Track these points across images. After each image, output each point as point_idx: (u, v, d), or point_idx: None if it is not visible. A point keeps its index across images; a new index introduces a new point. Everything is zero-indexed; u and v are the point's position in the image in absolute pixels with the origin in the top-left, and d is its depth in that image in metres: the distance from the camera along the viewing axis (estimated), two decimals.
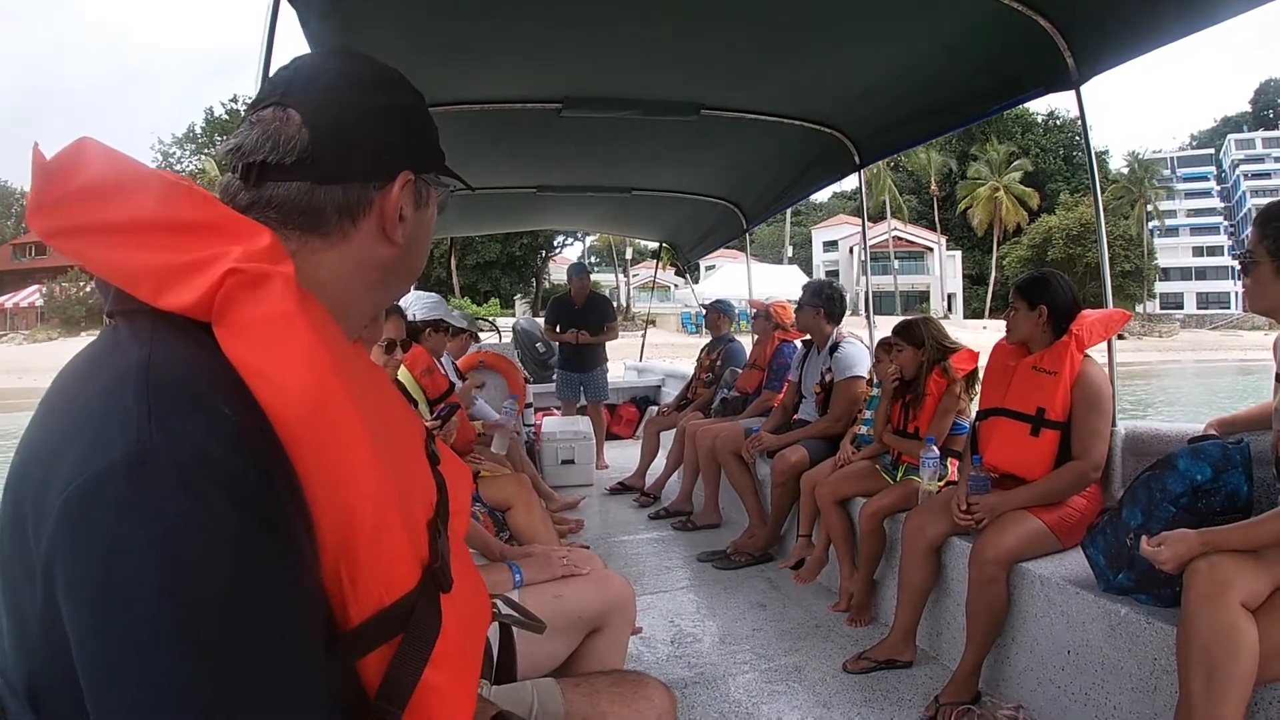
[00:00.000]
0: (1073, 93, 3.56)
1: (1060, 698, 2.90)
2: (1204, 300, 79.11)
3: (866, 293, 5.90)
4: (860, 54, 4.03)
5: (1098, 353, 3.35)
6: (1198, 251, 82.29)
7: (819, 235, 74.55)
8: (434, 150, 1.14)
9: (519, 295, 54.74)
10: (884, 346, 4.31)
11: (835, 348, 5.14)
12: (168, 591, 0.69)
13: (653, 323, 8.19)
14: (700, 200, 7.47)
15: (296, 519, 0.81)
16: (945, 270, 63.30)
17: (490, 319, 9.73)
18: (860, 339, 5.28)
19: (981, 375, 3.73)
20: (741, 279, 11.88)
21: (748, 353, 7.03)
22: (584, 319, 7.89)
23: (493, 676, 1.72)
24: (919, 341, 4.10)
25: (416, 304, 4.92)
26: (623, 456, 8.07)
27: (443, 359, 5.21)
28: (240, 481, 0.75)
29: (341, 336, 0.98)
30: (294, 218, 1.00)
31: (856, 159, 5.25)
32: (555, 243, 57.49)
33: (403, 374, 4.24)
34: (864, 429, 4.59)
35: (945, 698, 3.09)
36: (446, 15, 3.51)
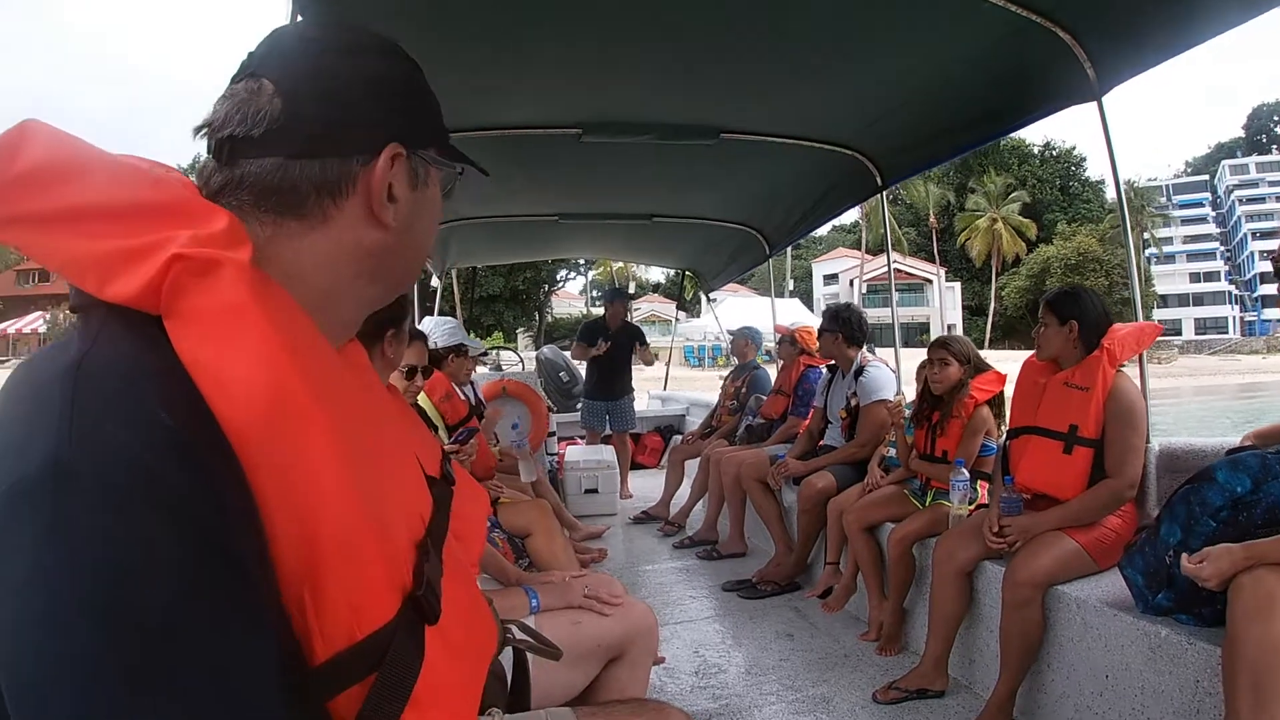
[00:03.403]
0: (1076, 115, 3.53)
1: None
2: (1202, 326, 79.51)
3: (894, 321, 5.81)
4: (879, 74, 4.00)
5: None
6: (1194, 278, 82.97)
7: (819, 268, 74.90)
8: (432, 125, 1.05)
9: (521, 329, 55.15)
10: (928, 361, 4.16)
11: (860, 372, 5.07)
12: (93, 615, 0.62)
13: (657, 356, 8.16)
14: (722, 226, 7.45)
15: (244, 538, 0.72)
16: (945, 301, 63.17)
17: (512, 348, 9.82)
18: (886, 363, 5.20)
19: (1010, 395, 3.65)
20: (744, 312, 11.82)
21: (773, 379, 6.96)
22: (618, 344, 7.89)
23: (505, 705, 1.66)
24: (965, 358, 4.03)
25: (437, 330, 4.91)
26: (647, 486, 8.01)
27: (465, 385, 5.18)
28: (176, 497, 0.67)
29: (310, 332, 0.89)
30: (268, 198, 0.91)
31: (878, 180, 5.21)
32: (558, 277, 57.95)
33: (422, 400, 4.21)
34: (891, 450, 4.50)
35: None
36: (465, 42, 3.51)
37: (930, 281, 65.11)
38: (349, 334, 1.06)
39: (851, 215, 67.75)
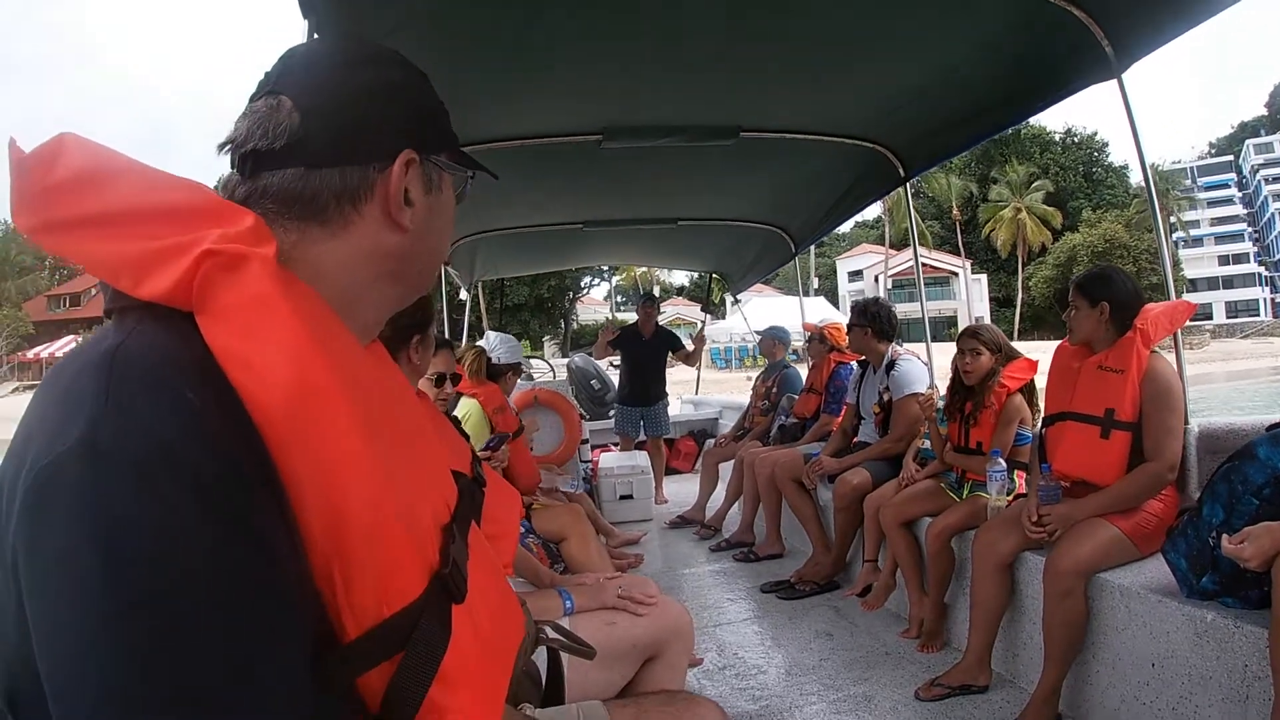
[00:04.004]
0: (1097, 101, 3.50)
1: (1146, 715, 2.74)
2: (1233, 309, 78.30)
3: (923, 313, 5.77)
4: (895, 64, 3.98)
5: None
6: (1224, 260, 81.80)
7: (843, 265, 74.67)
8: (441, 131, 1.09)
9: (548, 337, 55.49)
10: (959, 351, 4.10)
11: (892, 366, 5.03)
12: (117, 590, 0.65)
13: (686, 360, 8.26)
14: (747, 227, 7.44)
15: (272, 517, 0.75)
16: (971, 294, 62.48)
17: (540, 355, 9.90)
18: (917, 355, 5.16)
19: (1044, 383, 3.61)
20: (769, 312, 11.77)
21: (803, 378, 6.92)
22: (652, 350, 7.89)
23: (539, 702, 1.66)
24: (995, 346, 3.99)
25: (500, 347, 5.10)
26: (682, 490, 7.99)
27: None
28: (200, 473, 0.70)
29: (334, 323, 0.93)
30: (291, 206, 0.95)
31: (901, 172, 5.17)
32: (582, 284, 58.33)
33: (474, 406, 4.25)
34: (926, 443, 4.46)
35: None
36: (482, 54, 3.54)
37: (956, 274, 64.35)
38: (371, 336, 1.08)
39: (874, 211, 67.34)
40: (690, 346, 8.15)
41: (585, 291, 63.72)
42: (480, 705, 0.93)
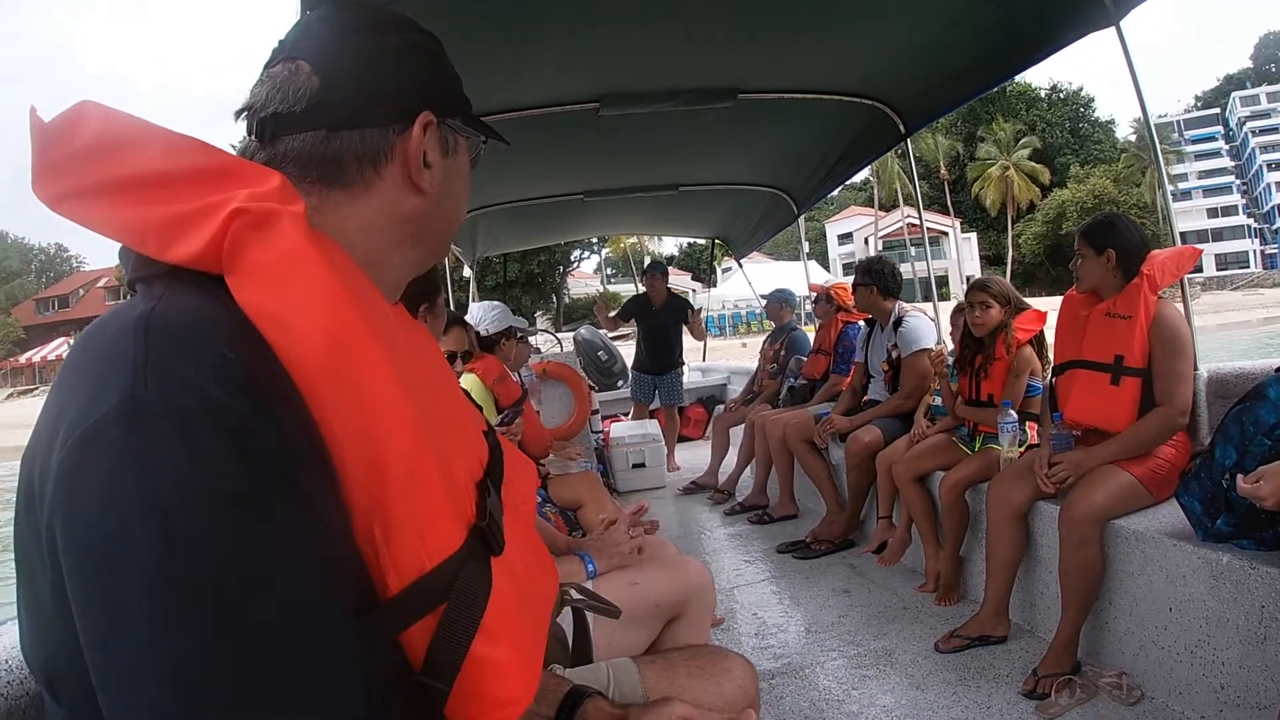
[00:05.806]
0: (1083, 55, 3.46)
1: (1164, 659, 2.76)
2: (1223, 261, 77.40)
3: (928, 269, 5.76)
4: (894, 19, 3.93)
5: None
6: (1212, 213, 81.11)
7: (833, 229, 74.55)
8: (456, 94, 1.09)
9: (540, 312, 55.47)
10: (969, 304, 4.06)
11: (899, 323, 5.01)
12: (163, 547, 0.64)
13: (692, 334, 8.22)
14: (749, 190, 7.40)
15: (314, 472, 0.75)
16: (962, 253, 62.22)
17: (550, 330, 9.76)
18: (925, 311, 5.15)
19: (1053, 333, 3.60)
20: (760, 278, 11.65)
21: (811, 339, 6.91)
22: (664, 319, 7.86)
23: (568, 663, 1.68)
24: (1005, 299, 3.98)
25: (486, 317, 4.92)
26: (694, 457, 8.00)
27: (522, 371, 5.18)
28: (243, 428, 0.70)
29: (364, 280, 0.93)
30: (311, 169, 0.95)
31: (901, 128, 5.12)
32: (572, 258, 58.22)
33: (474, 381, 4.25)
34: (936, 399, 4.46)
35: (1044, 670, 2.96)
36: (473, 25, 3.49)
37: (946, 234, 63.95)
38: (393, 297, 1.08)
39: (862, 173, 67.06)
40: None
41: (575, 265, 63.69)
42: (521, 659, 0.93)
